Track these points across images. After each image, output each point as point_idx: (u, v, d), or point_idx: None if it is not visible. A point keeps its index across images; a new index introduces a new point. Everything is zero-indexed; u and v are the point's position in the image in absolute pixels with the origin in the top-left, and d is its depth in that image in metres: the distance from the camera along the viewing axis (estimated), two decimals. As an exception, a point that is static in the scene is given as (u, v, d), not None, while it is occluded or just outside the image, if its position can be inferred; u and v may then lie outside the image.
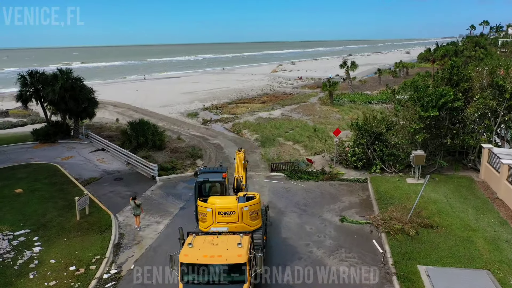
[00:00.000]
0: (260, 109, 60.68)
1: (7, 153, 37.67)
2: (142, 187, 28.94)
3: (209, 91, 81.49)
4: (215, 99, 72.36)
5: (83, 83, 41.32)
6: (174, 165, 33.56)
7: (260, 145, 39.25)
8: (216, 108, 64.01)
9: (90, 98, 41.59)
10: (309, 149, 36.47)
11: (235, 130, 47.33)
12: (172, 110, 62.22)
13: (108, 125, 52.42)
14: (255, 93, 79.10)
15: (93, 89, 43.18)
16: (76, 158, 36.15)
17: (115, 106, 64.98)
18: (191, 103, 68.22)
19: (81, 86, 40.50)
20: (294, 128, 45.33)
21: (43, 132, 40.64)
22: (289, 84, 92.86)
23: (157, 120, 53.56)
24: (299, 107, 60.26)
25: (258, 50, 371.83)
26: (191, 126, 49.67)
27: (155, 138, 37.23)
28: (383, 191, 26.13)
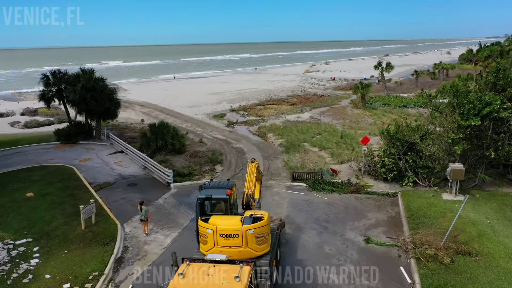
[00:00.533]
0: (288, 112, 58.46)
1: (27, 153, 37.37)
2: (155, 194, 27.50)
3: (238, 92, 79.95)
4: (244, 100, 70.70)
5: (105, 83, 40.53)
6: (192, 171, 32.00)
7: (284, 151, 37.10)
8: (243, 109, 62.31)
9: (112, 98, 40.73)
10: (336, 156, 33.98)
11: (260, 134, 45.36)
12: (199, 111, 61.01)
13: (132, 126, 51.74)
14: (285, 94, 76.87)
15: (116, 90, 42.40)
16: (94, 160, 35.29)
17: (142, 106, 64.52)
18: (219, 104, 66.85)
19: (102, 87, 39.71)
20: (322, 133, 42.85)
21: (65, 133, 40.18)
22: (321, 85, 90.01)
23: (182, 122, 52.49)
24: (330, 110, 57.57)
25: (294, 50, 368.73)
26: (215, 129, 48.12)
27: (174, 142, 35.84)
28: (415, 208, 23.44)
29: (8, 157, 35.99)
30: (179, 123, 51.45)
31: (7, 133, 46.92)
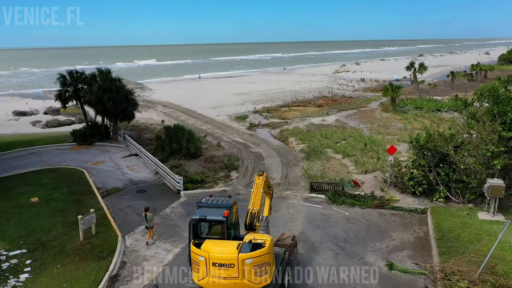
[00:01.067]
0: (313, 114, 55.99)
1: (42, 154, 36.73)
2: (164, 203, 25.91)
3: (263, 93, 77.97)
4: (268, 101, 68.64)
5: (122, 83, 39.43)
6: (205, 177, 30.29)
7: (305, 157, 34.85)
8: (267, 111, 60.26)
9: (129, 99, 39.59)
10: (360, 165, 31.44)
11: (281, 138, 43.22)
12: (221, 112, 59.42)
13: (152, 127, 50.67)
14: (311, 96, 74.28)
15: (133, 90, 41.26)
16: (106, 163, 34.17)
17: (165, 107, 63.57)
18: (242, 105, 65.06)
19: (119, 87, 38.60)
20: (347, 138, 40.26)
21: (81, 134, 39.37)
22: (350, 86, 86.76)
23: (202, 123, 51.04)
24: (357, 113, 54.69)
25: (325, 50, 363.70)
26: (235, 131, 46.32)
27: (189, 145, 34.25)
28: (446, 228, 20.79)
29: (22, 158, 35.43)
30: (199, 125, 50.05)
31: (27, 132, 46.79)
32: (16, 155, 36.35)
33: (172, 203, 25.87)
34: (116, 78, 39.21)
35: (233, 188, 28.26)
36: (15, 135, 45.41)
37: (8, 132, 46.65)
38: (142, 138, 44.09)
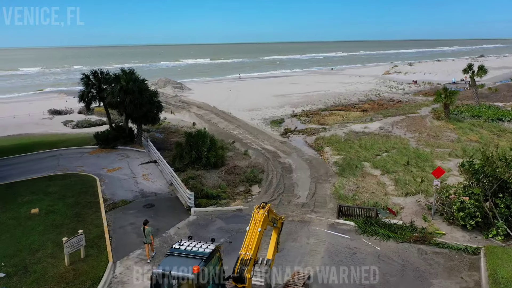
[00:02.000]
0: (356, 120, 51.46)
1: (61, 157, 35.36)
2: (170, 221, 23.12)
3: (304, 95, 73.97)
4: (309, 104, 64.64)
5: (145, 84, 37.24)
6: (222, 192, 27.29)
7: (338, 171, 30.87)
8: (305, 115, 56.40)
9: (152, 102, 37.36)
10: (401, 185, 27.02)
11: (316, 147, 39.38)
12: (257, 115, 56.30)
13: (182, 130, 48.44)
14: (356, 99, 69.38)
15: (157, 92, 39.02)
16: (122, 170, 32.04)
17: (199, 108, 61.38)
18: (280, 108, 61.59)
19: (141, 89, 36.43)
20: (389, 150, 35.71)
21: (103, 137, 37.70)
22: (399, 89, 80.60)
23: (234, 127, 48.15)
24: (405, 120, 49.48)
25: (377, 49, 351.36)
26: (267, 137, 42.96)
27: (210, 155, 31.35)
28: (504, 278, 16.28)
29: (40, 162, 34.19)
30: (230, 129, 47.22)
31: (56, 132, 46.15)
32: (35, 158, 35.26)
33: (179, 223, 22.99)
34: (140, 79, 37.07)
35: (250, 207, 24.94)
36: (43, 135, 44.84)
37: (38, 132, 46.27)
38: (169, 142, 41.96)
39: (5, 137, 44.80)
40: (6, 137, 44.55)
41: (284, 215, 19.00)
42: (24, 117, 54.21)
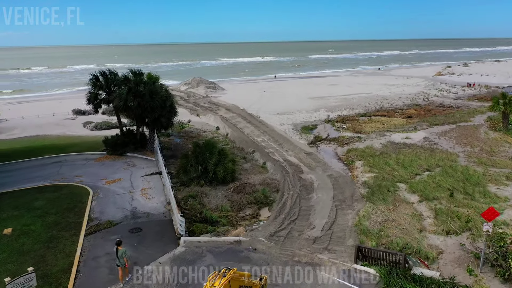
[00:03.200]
0: (397, 128, 45.71)
1: (63, 164, 32.86)
2: (153, 253, 19.38)
3: (343, 97, 68.41)
4: (347, 108, 59.24)
5: (155, 87, 33.82)
6: (224, 215, 23.27)
7: (366, 195, 25.90)
8: (341, 120, 51.26)
9: (164, 106, 33.93)
10: (442, 219, 21.68)
11: (346, 160, 34.48)
12: (287, 119, 51.81)
13: (204, 134, 45.02)
14: (401, 103, 63.00)
15: (170, 96, 35.56)
16: (122, 182, 28.84)
17: (228, 110, 57.71)
18: (315, 112, 56.70)
19: (152, 92, 33.10)
20: (433, 169, 30.16)
21: (111, 142, 34.84)
22: (451, 93, 72.91)
23: (259, 133, 44.00)
24: (455, 130, 43.17)
25: (430, 48, 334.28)
26: (292, 147, 38.42)
27: (217, 169, 27.41)
28: None
29: (41, 168, 31.80)
30: (254, 136, 43.10)
31: (73, 135, 44.16)
32: (38, 164, 32.97)
33: (163, 256, 19.16)
34: (148, 82, 33.76)
35: (252, 238, 20.75)
36: (59, 137, 42.96)
37: (55, 133, 44.48)
38: (186, 148, 38.56)
39: (21, 138, 43.36)
40: (22, 138, 43.10)
41: (266, 276, 14.69)
42: (48, 116, 53.01)
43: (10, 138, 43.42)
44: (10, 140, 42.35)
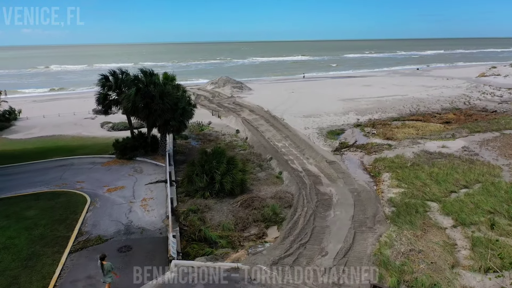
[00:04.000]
0: (433, 134, 41.65)
1: (69, 168, 31.35)
2: (139, 277, 17.04)
3: (376, 99, 64.26)
4: (379, 111, 55.30)
5: (167, 88, 31.61)
6: (225, 235, 20.68)
7: (390, 216, 22.57)
8: (372, 125, 47.61)
9: (175, 108, 31.70)
10: (481, 250, 18.12)
11: (372, 171, 31.14)
12: (313, 123, 48.64)
13: (223, 138, 42.65)
14: (438, 107, 58.33)
15: (184, 98, 33.31)
16: (124, 191, 26.82)
17: (251, 112, 55.10)
18: (344, 115, 53.18)
19: (163, 93, 30.93)
20: (471, 185, 26.34)
21: (121, 146, 33.02)
22: (496, 96, 67.14)
23: (281, 138, 41.14)
24: (499, 138, 38.70)
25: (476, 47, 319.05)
26: (314, 154, 35.31)
27: (224, 180, 24.85)
28: None
29: (45, 172, 30.39)
30: (275, 140, 40.29)
31: (87, 135, 42.91)
32: (43, 167, 31.62)
33: (147, 284, 16.76)
34: (159, 83, 31.60)
35: (252, 265, 17.99)
36: (73, 138, 41.83)
37: (70, 134, 43.40)
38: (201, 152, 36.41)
39: (37, 138, 42.57)
40: (37, 138, 42.30)
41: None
42: (69, 115, 52.28)
43: (26, 138, 42.73)
44: (25, 140, 41.63)
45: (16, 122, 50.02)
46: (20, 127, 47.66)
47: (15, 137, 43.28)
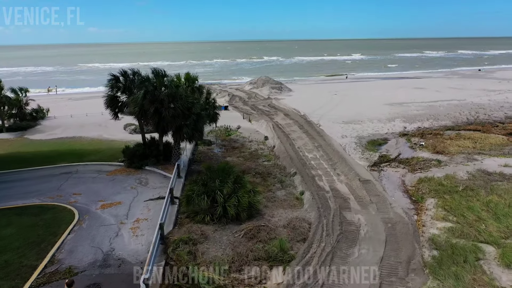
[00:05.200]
0: (494, 149, 35.38)
1: (72, 177, 28.91)
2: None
3: (428, 104, 57.63)
4: (430, 118, 49.10)
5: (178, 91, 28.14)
6: (217, 276, 16.76)
7: (430, 263, 17.59)
8: (420, 135, 41.82)
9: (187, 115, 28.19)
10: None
11: (415, 195, 26.01)
12: (352, 130, 43.61)
13: (249, 145, 38.86)
14: (502, 114, 50.99)
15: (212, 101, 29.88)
16: (119, 208, 23.66)
17: (286, 116, 50.76)
18: (389, 122, 47.56)
19: (173, 96, 27.53)
20: (541, 222, 20.62)
21: (130, 153, 30.10)
22: None
23: (311, 148, 36.65)
24: None
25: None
26: (347, 170, 30.50)
27: (228, 203, 20.93)
28: None
29: (44, 180, 28.06)
30: (306, 150, 35.89)
31: (107, 138, 40.75)
32: (46, 174, 29.37)
33: None
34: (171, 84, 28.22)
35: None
36: (92, 140, 39.86)
37: (90, 136, 41.36)
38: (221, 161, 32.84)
39: (57, 139, 40.99)
40: (56, 140, 40.71)
41: None
42: (96, 115, 50.60)
43: (46, 138, 41.29)
44: (44, 141, 40.15)
45: (42, 121, 49.13)
46: (45, 126, 46.58)
47: (37, 137, 41.98)
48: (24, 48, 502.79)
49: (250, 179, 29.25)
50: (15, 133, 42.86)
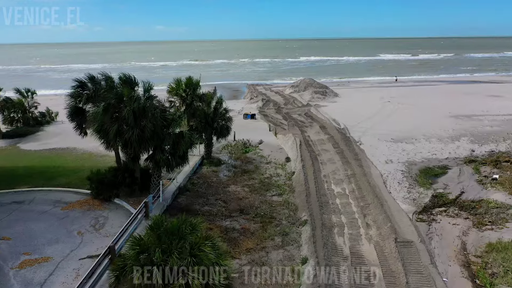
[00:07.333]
0: None
1: (18, 208, 22.88)
2: None
3: (506, 119, 46.05)
4: (508, 138, 38.28)
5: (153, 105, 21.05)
6: None
7: None
8: (494, 163, 31.68)
9: (163, 135, 21.08)
10: None
11: (479, 271, 17.01)
12: (401, 152, 34.34)
13: (263, 168, 31.25)
14: None
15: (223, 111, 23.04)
16: (44, 266, 16.85)
17: (322, 129, 42.11)
18: (452, 142, 37.50)
19: (139, 112, 20.47)
20: None
21: (97, 180, 23.56)
22: None
23: (344, 177, 28.34)
24: None
25: None
26: (381, 219, 21.74)
27: (174, 286, 13.40)
28: None
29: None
30: (334, 181, 27.61)
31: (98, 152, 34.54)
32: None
33: None
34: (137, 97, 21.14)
35: None
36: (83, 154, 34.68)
37: (83, 148, 35.47)
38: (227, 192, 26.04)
39: (48, 150, 36.01)
40: (46, 151, 35.66)
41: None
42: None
43: (36, 149, 36.42)
44: (31, 152, 35.36)
45: (46, 127, 44.66)
46: (45, 133, 41.98)
47: (28, 147, 37.24)
48: (96, 44, 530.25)
49: (246, 224, 21.75)
50: (9, 141, 38.50)
